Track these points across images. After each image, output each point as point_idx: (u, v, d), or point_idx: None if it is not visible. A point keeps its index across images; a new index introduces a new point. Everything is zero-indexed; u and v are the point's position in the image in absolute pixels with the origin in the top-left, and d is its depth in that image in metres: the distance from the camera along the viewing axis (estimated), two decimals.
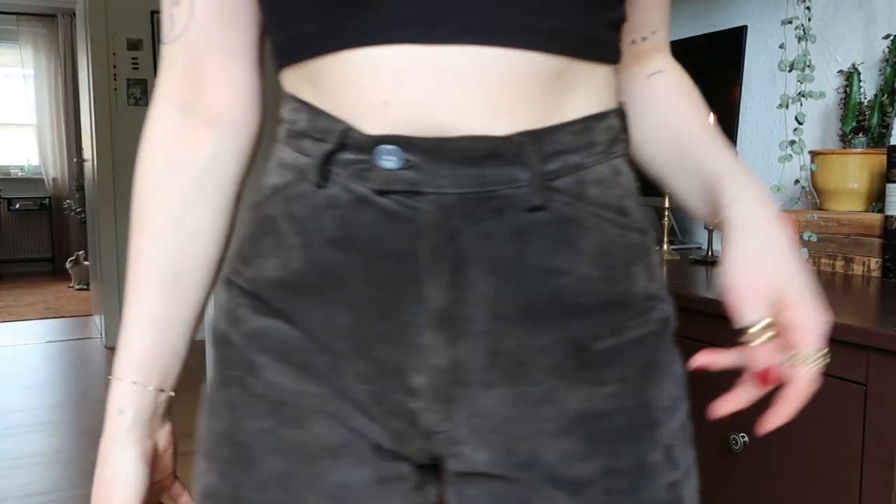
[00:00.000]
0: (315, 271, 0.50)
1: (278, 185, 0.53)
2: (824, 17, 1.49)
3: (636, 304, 0.52)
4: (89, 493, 2.39)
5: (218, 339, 0.58)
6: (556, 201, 0.49)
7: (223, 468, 0.56)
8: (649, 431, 0.52)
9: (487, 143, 0.47)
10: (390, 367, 0.50)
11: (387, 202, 0.48)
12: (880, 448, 0.83)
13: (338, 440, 0.52)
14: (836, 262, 1.25)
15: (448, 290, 0.48)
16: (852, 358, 0.85)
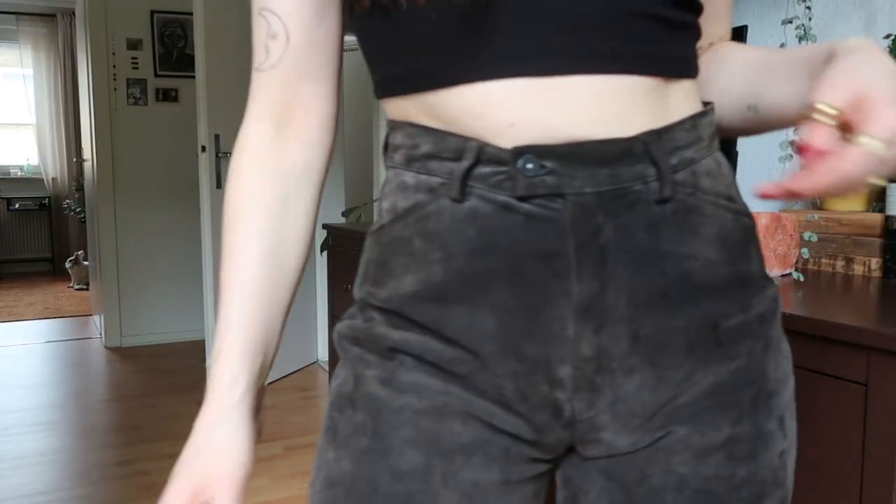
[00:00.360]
0: (459, 281, 0.54)
1: (407, 207, 0.56)
2: (824, 17, 1.49)
3: (756, 282, 0.57)
4: (88, 493, 2.39)
5: (351, 339, 0.60)
6: (679, 193, 0.54)
7: (358, 456, 0.57)
8: (767, 402, 0.57)
9: (618, 145, 0.52)
10: (537, 361, 0.54)
11: (529, 207, 0.52)
12: (880, 448, 0.82)
13: (472, 439, 0.56)
14: (837, 262, 1.25)
15: (593, 282, 0.52)
16: (852, 358, 0.85)
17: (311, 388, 3.50)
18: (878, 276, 1.19)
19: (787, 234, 1.19)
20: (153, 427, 3.00)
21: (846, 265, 1.24)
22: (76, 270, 6.39)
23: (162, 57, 4.38)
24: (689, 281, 0.54)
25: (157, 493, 2.38)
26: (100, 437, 2.91)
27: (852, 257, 1.23)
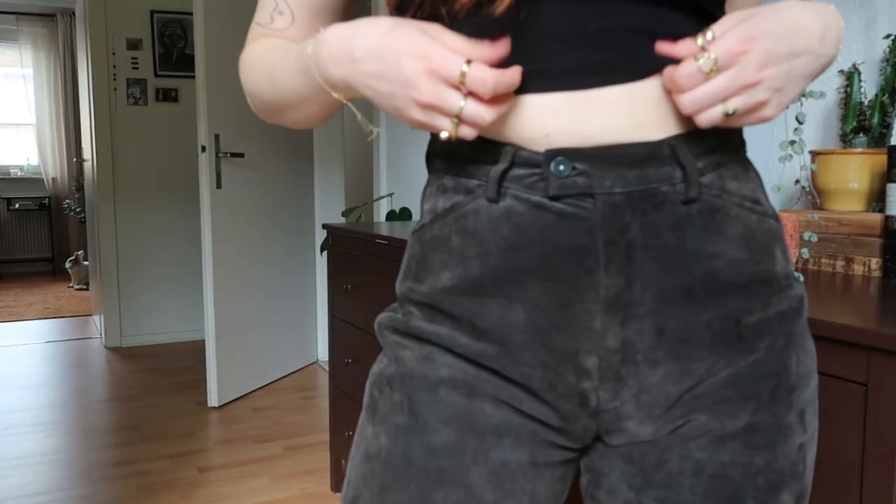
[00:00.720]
0: (494, 276, 0.57)
1: (446, 208, 0.60)
2: None
3: (778, 282, 0.59)
4: (88, 493, 2.39)
5: (391, 327, 0.64)
6: (705, 194, 0.57)
7: (395, 432, 0.61)
8: (788, 395, 0.59)
9: (646, 147, 0.55)
10: (565, 352, 0.57)
11: (561, 206, 0.55)
12: (880, 448, 0.82)
13: (503, 420, 0.59)
14: (837, 262, 1.25)
15: (620, 278, 0.55)
16: (852, 358, 0.85)
17: (311, 388, 3.50)
18: (878, 276, 1.19)
19: (787, 234, 1.19)
20: (153, 427, 3.01)
21: (846, 265, 1.24)
22: (76, 270, 6.39)
23: (162, 57, 4.38)
24: (713, 278, 0.56)
25: (157, 493, 2.39)
26: (100, 437, 2.91)
27: (852, 257, 1.23)
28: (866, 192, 1.28)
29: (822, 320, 0.86)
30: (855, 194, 1.29)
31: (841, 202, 1.31)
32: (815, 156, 1.32)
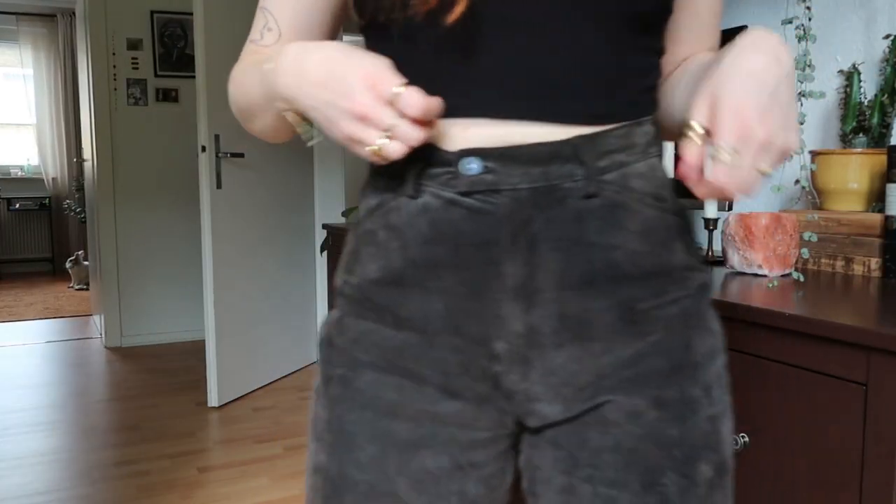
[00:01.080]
0: (413, 266, 0.62)
1: (375, 204, 0.66)
2: (824, 17, 1.49)
3: (675, 273, 0.63)
4: (89, 493, 2.39)
5: (325, 342, 0.70)
6: (607, 190, 0.61)
7: (330, 450, 0.67)
8: (692, 371, 0.63)
9: (550, 147, 0.59)
10: (477, 337, 0.62)
11: (471, 201, 0.60)
12: (880, 448, 0.83)
13: (421, 435, 0.65)
14: (837, 262, 1.25)
15: (524, 267, 0.60)
16: (852, 358, 0.85)
17: (310, 387, 3.50)
18: (877, 276, 1.19)
19: (787, 234, 1.19)
20: (153, 427, 3.01)
21: (846, 265, 1.24)
22: (76, 270, 6.39)
23: (162, 57, 4.38)
24: (613, 268, 0.61)
25: (157, 493, 2.39)
26: (100, 437, 2.91)
27: (852, 257, 1.23)
28: (866, 192, 1.28)
29: (822, 320, 0.86)
30: (855, 194, 1.29)
31: (841, 202, 1.31)
32: (814, 156, 1.32)
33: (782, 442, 0.94)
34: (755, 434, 0.97)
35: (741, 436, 0.98)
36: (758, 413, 0.97)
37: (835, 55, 1.48)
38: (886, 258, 1.17)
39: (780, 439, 0.94)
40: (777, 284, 1.12)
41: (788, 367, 0.92)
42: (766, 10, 1.62)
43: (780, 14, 1.59)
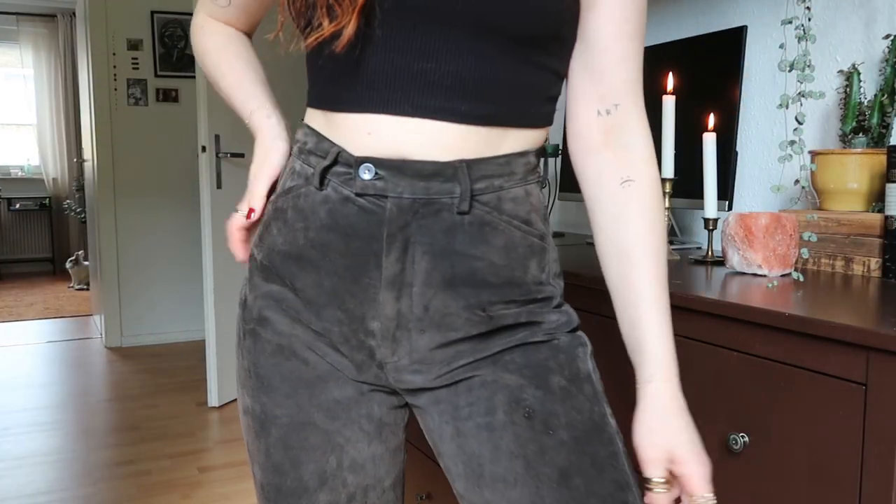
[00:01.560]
0: (311, 247, 0.74)
1: (290, 187, 0.77)
2: (824, 17, 1.49)
3: (526, 286, 0.74)
4: (89, 493, 2.39)
5: (242, 302, 0.82)
6: (479, 209, 0.71)
7: (252, 393, 0.80)
8: (540, 344, 0.75)
9: (434, 166, 0.70)
10: (356, 315, 0.74)
11: (363, 202, 0.72)
12: (880, 448, 0.83)
13: (324, 370, 0.77)
14: (836, 262, 1.25)
15: (397, 263, 0.71)
16: (852, 358, 0.85)
17: None
18: (877, 276, 1.19)
19: (786, 234, 1.19)
20: (153, 427, 3.01)
21: (846, 265, 1.24)
22: (76, 270, 6.39)
23: (162, 57, 4.38)
24: (473, 275, 0.72)
25: (157, 493, 2.39)
26: (100, 437, 2.91)
27: (852, 257, 1.23)
28: (866, 193, 1.28)
29: (822, 320, 0.87)
30: (854, 194, 1.29)
31: (840, 202, 1.31)
32: (814, 156, 1.33)
33: (782, 442, 0.94)
34: (755, 434, 0.98)
35: (741, 435, 0.98)
36: (758, 413, 0.97)
37: (835, 55, 1.48)
38: (886, 258, 1.17)
39: (779, 439, 0.94)
40: (777, 284, 1.12)
41: (788, 367, 0.93)
42: (765, 10, 1.62)
43: (780, 14, 1.59)
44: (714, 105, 1.53)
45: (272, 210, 0.78)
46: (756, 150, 1.66)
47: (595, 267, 1.33)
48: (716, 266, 1.33)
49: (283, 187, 0.78)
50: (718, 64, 1.54)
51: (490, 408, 0.74)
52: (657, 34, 1.91)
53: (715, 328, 1.03)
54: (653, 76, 1.71)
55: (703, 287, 1.11)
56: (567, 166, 1.99)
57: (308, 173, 0.75)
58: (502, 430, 0.74)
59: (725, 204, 1.49)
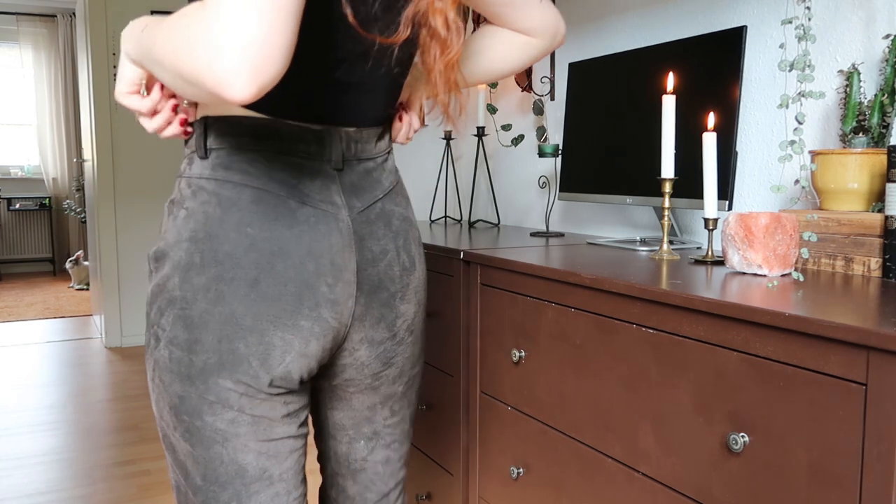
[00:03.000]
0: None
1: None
2: (824, 17, 1.49)
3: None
4: (89, 493, 2.39)
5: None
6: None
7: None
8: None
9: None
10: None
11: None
12: (880, 448, 0.83)
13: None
14: (836, 262, 1.25)
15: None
16: (852, 358, 0.85)
17: None
18: (877, 276, 1.19)
19: (786, 233, 1.19)
20: (153, 427, 3.01)
21: (846, 265, 1.24)
22: (76, 270, 6.39)
23: None
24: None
25: (157, 493, 2.39)
26: (100, 437, 2.91)
27: (852, 257, 1.23)
28: (866, 192, 1.28)
29: (822, 320, 0.87)
30: (854, 194, 1.29)
31: (840, 202, 1.31)
32: (814, 156, 1.32)
33: (782, 442, 0.94)
34: (755, 434, 0.98)
35: (741, 435, 0.98)
36: (758, 413, 0.97)
37: (834, 55, 1.48)
38: (886, 258, 1.17)
39: (779, 439, 0.94)
40: (777, 284, 1.12)
41: (788, 366, 0.93)
42: (765, 10, 1.62)
43: (780, 14, 1.59)
44: (714, 105, 1.53)
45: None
46: (756, 150, 1.66)
47: (595, 267, 1.33)
48: (716, 266, 1.33)
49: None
50: (718, 64, 1.54)
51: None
52: (657, 34, 1.91)
53: (715, 328, 1.03)
54: (653, 76, 1.71)
55: (703, 287, 1.11)
56: (567, 166, 2.00)
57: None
58: None
59: (725, 204, 1.49)
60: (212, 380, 0.82)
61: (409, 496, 2.02)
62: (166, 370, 0.83)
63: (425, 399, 1.87)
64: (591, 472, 1.30)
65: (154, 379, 0.86)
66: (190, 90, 0.65)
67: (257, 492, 0.87)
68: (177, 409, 0.84)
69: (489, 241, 1.90)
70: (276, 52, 0.61)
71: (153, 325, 0.85)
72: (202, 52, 0.60)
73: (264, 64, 0.61)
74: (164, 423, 0.87)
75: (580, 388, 1.31)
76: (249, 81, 0.61)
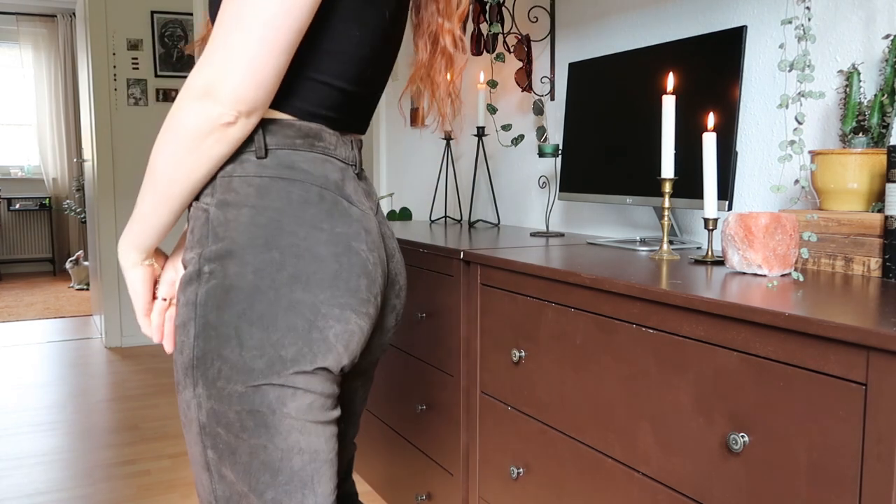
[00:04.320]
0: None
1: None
2: (824, 17, 1.49)
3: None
4: (89, 493, 2.39)
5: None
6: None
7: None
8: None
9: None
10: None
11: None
12: (880, 448, 0.83)
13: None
14: (836, 262, 1.25)
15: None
16: (852, 358, 0.85)
17: None
18: (877, 276, 1.19)
19: (786, 233, 1.19)
20: (153, 427, 3.01)
21: (846, 265, 1.24)
22: (76, 270, 6.39)
23: (162, 57, 4.38)
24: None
25: (157, 493, 2.39)
26: (100, 437, 2.91)
27: (852, 257, 1.23)
28: (866, 192, 1.28)
29: (822, 320, 0.87)
30: (854, 194, 1.29)
31: (840, 202, 1.31)
32: (814, 156, 1.33)
33: (782, 442, 0.94)
34: (755, 434, 0.98)
35: (741, 435, 0.98)
36: (758, 413, 0.97)
37: (834, 55, 1.48)
38: (886, 258, 1.17)
39: (779, 439, 0.94)
40: (777, 284, 1.12)
41: (788, 367, 0.93)
42: (765, 10, 1.62)
43: (780, 14, 1.59)
44: (714, 105, 1.53)
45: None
46: (756, 150, 1.66)
47: (595, 267, 1.33)
48: (716, 266, 1.33)
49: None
50: (718, 64, 1.54)
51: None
52: (657, 34, 1.91)
53: (715, 328, 1.03)
54: (653, 76, 1.71)
55: (703, 287, 1.11)
56: (567, 166, 2.00)
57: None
58: None
59: (725, 204, 1.49)
60: (303, 368, 0.84)
61: (409, 496, 2.02)
62: (242, 369, 0.82)
63: (425, 399, 1.87)
64: (591, 472, 1.30)
65: (217, 382, 0.83)
66: (194, 156, 0.82)
67: (325, 474, 0.88)
68: (254, 404, 0.83)
69: (489, 241, 1.90)
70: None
71: (216, 326, 0.83)
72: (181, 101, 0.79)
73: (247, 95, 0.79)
74: (224, 426, 0.84)
75: (580, 388, 1.31)
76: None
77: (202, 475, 0.88)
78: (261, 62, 0.77)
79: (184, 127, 0.79)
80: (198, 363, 0.84)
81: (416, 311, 1.89)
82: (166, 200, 0.85)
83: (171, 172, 0.82)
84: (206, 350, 0.84)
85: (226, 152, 0.82)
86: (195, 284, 0.85)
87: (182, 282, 0.87)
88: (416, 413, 1.93)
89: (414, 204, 3.19)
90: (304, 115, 0.87)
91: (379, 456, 2.20)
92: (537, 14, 2.33)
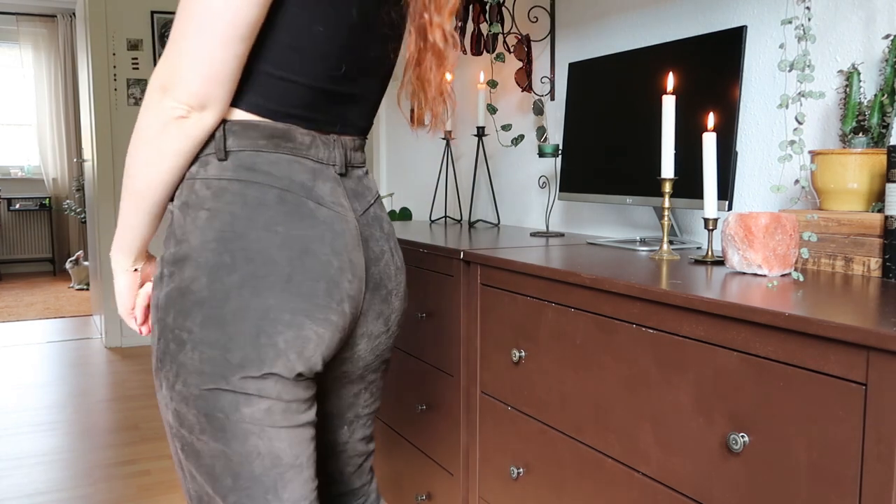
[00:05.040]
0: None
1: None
2: (824, 17, 1.49)
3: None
4: (89, 493, 2.39)
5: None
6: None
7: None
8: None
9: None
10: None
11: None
12: (880, 448, 0.83)
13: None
14: (836, 262, 1.25)
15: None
16: (852, 358, 0.85)
17: None
18: (877, 276, 1.19)
19: (786, 233, 1.19)
20: (153, 427, 3.01)
21: (845, 265, 1.24)
22: (76, 270, 6.39)
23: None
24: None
25: (157, 493, 2.39)
26: (100, 437, 2.91)
27: (852, 257, 1.23)
28: (866, 192, 1.28)
29: (822, 320, 0.87)
30: (854, 194, 1.29)
31: (840, 202, 1.31)
32: (814, 156, 1.32)
33: (782, 442, 0.94)
34: (755, 434, 0.98)
35: (741, 435, 0.98)
36: (758, 413, 0.97)
37: (834, 55, 1.48)
38: (886, 258, 1.17)
39: (779, 439, 0.94)
40: (777, 284, 1.12)
41: (788, 366, 0.93)
42: (765, 10, 1.62)
43: (780, 14, 1.59)
44: (714, 105, 1.53)
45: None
46: (756, 150, 1.66)
47: (595, 267, 1.33)
48: (716, 266, 1.33)
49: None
50: (718, 64, 1.54)
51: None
52: (657, 34, 1.91)
53: (715, 328, 1.03)
54: (653, 76, 1.71)
55: (702, 287, 1.11)
56: (567, 166, 2.00)
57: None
58: None
59: (725, 204, 1.49)
60: (250, 374, 0.83)
61: (409, 496, 2.02)
62: (195, 372, 0.83)
63: (425, 399, 1.87)
64: (591, 472, 1.30)
65: (175, 385, 0.84)
66: (167, 143, 0.82)
67: (291, 480, 0.87)
68: (208, 408, 0.84)
69: (489, 241, 1.90)
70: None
71: (173, 329, 0.84)
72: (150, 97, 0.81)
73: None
74: (187, 428, 0.86)
75: (580, 388, 1.31)
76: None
77: (179, 473, 0.91)
78: (208, 55, 0.77)
79: (145, 123, 0.81)
80: (160, 365, 0.86)
81: (417, 311, 1.89)
82: (140, 200, 0.86)
83: (137, 170, 0.84)
84: (165, 352, 0.85)
85: (184, 148, 0.83)
86: (158, 288, 0.86)
87: (153, 284, 0.89)
88: (416, 413, 1.93)
89: (414, 204, 3.19)
90: (272, 115, 0.86)
91: (379, 456, 2.20)
92: (537, 14, 2.33)
